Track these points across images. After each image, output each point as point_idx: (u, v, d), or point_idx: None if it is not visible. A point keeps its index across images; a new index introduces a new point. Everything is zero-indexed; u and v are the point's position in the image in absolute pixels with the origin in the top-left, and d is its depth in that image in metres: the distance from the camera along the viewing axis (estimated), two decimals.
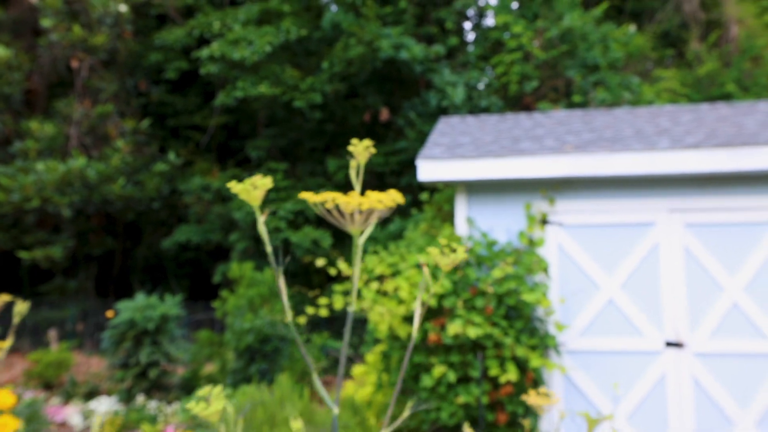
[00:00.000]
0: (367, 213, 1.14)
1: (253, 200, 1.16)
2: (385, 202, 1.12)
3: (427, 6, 13.62)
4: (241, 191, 1.14)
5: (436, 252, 1.26)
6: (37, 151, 13.16)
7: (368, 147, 1.19)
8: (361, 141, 1.21)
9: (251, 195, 1.15)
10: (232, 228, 13.53)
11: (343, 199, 1.12)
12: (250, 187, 1.15)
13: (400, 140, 12.86)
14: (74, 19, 13.89)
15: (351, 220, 1.14)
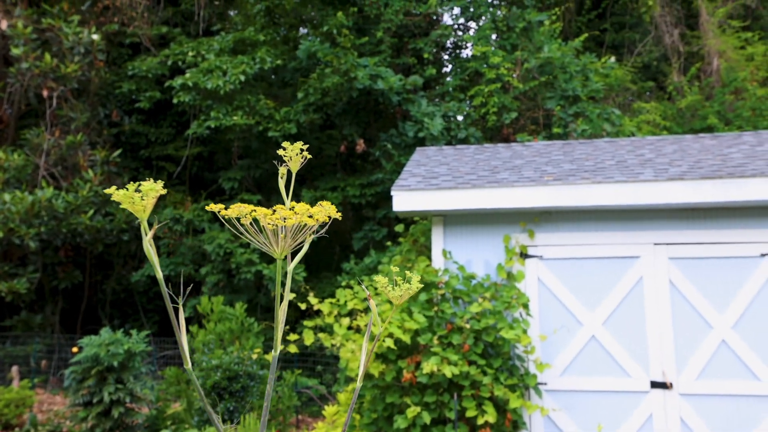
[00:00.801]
0: (295, 231, 0.91)
1: (138, 211, 0.90)
2: (317, 216, 0.89)
3: (404, 36, 13.56)
4: (124, 199, 0.89)
5: (384, 282, 1.05)
6: (4, 182, 12.78)
7: (302, 150, 0.98)
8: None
9: (136, 205, 0.90)
10: (203, 261, 13.17)
11: (264, 212, 0.89)
12: (134, 194, 0.90)
13: (376, 172, 12.66)
14: (45, 48, 13.64)
15: (275, 240, 0.91)
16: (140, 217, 0.90)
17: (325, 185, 13.06)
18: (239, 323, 9.77)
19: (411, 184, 5.50)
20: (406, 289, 1.05)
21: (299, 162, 0.98)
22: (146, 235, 0.91)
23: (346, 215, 13.72)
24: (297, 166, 0.98)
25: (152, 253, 0.91)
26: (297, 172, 4.74)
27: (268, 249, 0.91)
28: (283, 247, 0.91)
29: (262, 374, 8.97)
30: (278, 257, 0.92)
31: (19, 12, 13.38)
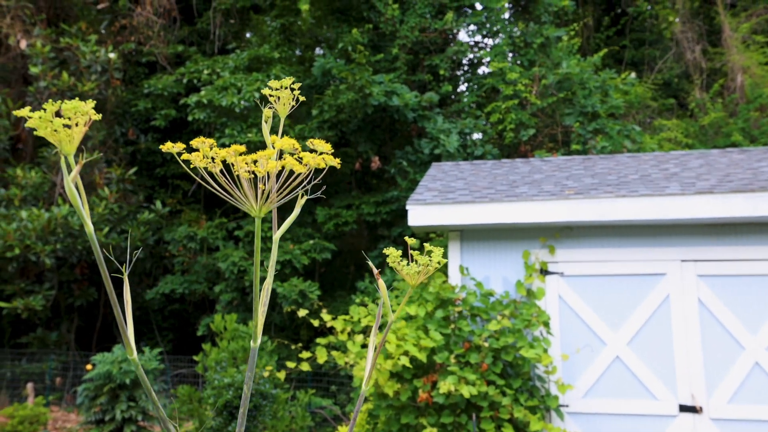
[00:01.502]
0: (281, 184, 0.76)
1: (62, 142, 0.75)
2: (308, 160, 0.75)
3: (419, 53, 13.50)
4: (40, 124, 0.73)
5: (396, 256, 0.93)
6: (21, 199, 12.81)
7: (292, 89, 0.83)
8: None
9: (59, 134, 0.74)
10: (217, 279, 13.07)
11: (236, 151, 0.74)
12: (55, 119, 0.74)
13: (391, 189, 12.54)
14: (63, 67, 13.73)
15: (253, 194, 0.76)
16: (64, 151, 0.74)
17: (340, 203, 12.95)
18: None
19: (427, 198, 5.36)
20: (425, 265, 0.91)
21: (289, 103, 0.83)
22: (68, 174, 0.76)
23: (361, 233, 13.60)
24: (286, 110, 0.83)
25: (77, 197, 0.75)
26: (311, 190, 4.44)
27: (244, 205, 0.76)
28: (264, 203, 0.76)
29: (275, 393, 8.81)
30: (257, 215, 0.76)
31: (38, 31, 13.49)
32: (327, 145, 0.77)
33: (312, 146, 0.77)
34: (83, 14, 14.31)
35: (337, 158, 3.79)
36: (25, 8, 13.52)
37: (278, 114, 0.86)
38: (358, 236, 14.48)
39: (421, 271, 0.93)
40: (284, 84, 0.84)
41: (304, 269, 12.40)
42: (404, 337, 4.90)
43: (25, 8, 13.52)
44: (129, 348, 0.77)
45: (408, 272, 0.93)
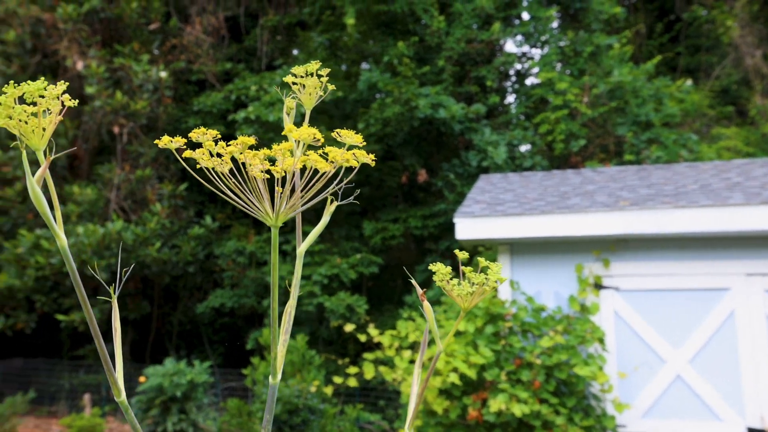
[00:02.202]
0: (304, 185, 0.66)
1: (30, 137, 0.65)
2: (335, 156, 0.64)
3: (466, 64, 13.39)
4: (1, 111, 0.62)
5: (444, 273, 0.82)
6: (78, 215, 13.14)
7: (319, 75, 0.73)
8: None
9: (29, 125, 0.64)
10: (266, 293, 13.15)
11: (244, 143, 0.64)
12: (19, 108, 0.62)
13: (438, 203, 12.43)
14: (117, 86, 14.08)
15: (268, 199, 0.66)
16: (32, 145, 0.64)
17: (387, 217, 12.90)
18: (300, 356, 9.62)
19: (475, 211, 5.25)
20: (480, 284, 0.79)
21: (316, 95, 0.73)
22: (32, 180, 0.66)
23: (408, 247, 13.51)
24: (313, 100, 0.74)
25: (42, 201, 0.65)
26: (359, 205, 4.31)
27: (257, 213, 0.65)
28: (282, 210, 0.65)
29: (323, 408, 8.76)
30: (273, 224, 0.66)
31: (94, 53, 13.88)
32: (357, 137, 0.67)
33: (340, 138, 0.67)
34: (136, 35, 14.68)
35: (382, 170, 3.65)
36: (81, 31, 13.93)
37: (303, 105, 0.76)
38: (405, 250, 14.39)
39: (476, 292, 0.81)
40: (310, 70, 0.74)
41: (351, 283, 12.36)
42: (453, 353, 4.79)
43: (81, 31, 13.93)
44: (115, 389, 0.68)
45: (459, 293, 0.82)
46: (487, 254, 6.42)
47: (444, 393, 4.89)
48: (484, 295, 0.82)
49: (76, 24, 13.67)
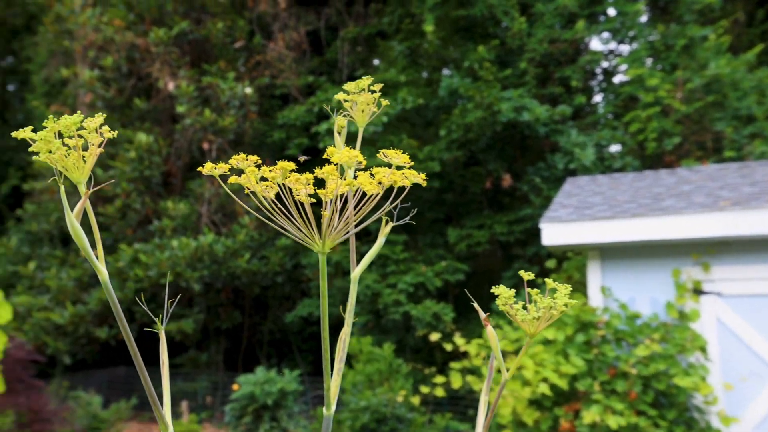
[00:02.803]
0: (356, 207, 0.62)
1: (72, 170, 0.63)
2: (381, 178, 0.60)
3: (549, 65, 13.09)
4: (42, 147, 0.60)
5: (507, 296, 0.75)
6: (173, 229, 13.67)
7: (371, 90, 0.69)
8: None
9: (68, 159, 0.62)
10: None
11: (284, 168, 0.60)
12: (56, 141, 0.60)
13: (524, 207, 12.18)
14: (205, 104, 14.59)
15: (314, 224, 0.62)
16: (73, 178, 0.62)
17: (472, 223, 12.74)
18: (387, 364, 9.61)
19: (562, 216, 5.08)
20: (547, 309, 0.72)
21: (369, 111, 0.69)
22: (71, 216, 0.64)
23: (495, 253, 13.30)
24: (365, 117, 0.69)
25: (82, 236, 0.63)
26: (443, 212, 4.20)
27: (304, 239, 0.62)
28: (329, 235, 0.61)
29: (411, 417, 8.71)
30: (320, 251, 0.62)
31: (183, 73, 14.45)
32: (404, 157, 0.62)
33: (387, 158, 0.62)
34: (222, 54, 15.18)
35: (466, 176, 3.53)
36: (171, 53, 14.53)
37: (355, 123, 0.72)
38: (491, 256, 14.18)
39: (542, 318, 0.74)
40: (361, 85, 0.70)
41: (437, 291, 12.28)
42: (542, 362, 4.63)
43: (171, 53, 14.53)
44: (162, 424, 0.65)
45: (524, 318, 0.74)
46: (576, 260, 6.20)
47: (534, 404, 4.74)
48: (552, 320, 0.75)
49: (166, 47, 14.27)
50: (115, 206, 13.08)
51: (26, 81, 21.80)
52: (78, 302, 13.21)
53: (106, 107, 14.34)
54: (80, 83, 14.24)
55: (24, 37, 22.14)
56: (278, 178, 0.61)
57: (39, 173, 14.35)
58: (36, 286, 13.84)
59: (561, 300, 0.73)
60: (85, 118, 0.62)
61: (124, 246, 12.62)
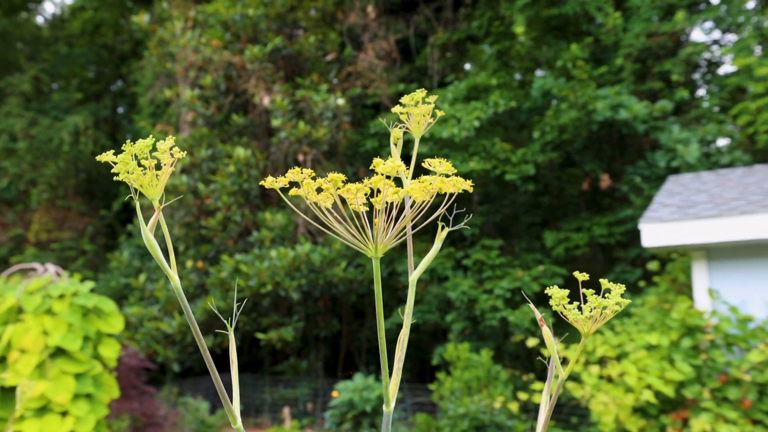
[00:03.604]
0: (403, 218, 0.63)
1: (147, 188, 0.67)
2: (426, 186, 0.61)
3: (647, 60, 12.59)
4: (120, 170, 0.66)
5: (560, 297, 0.72)
6: (271, 240, 14.07)
7: (425, 102, 0.70)
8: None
9: (146, 177, 0.65)
10: (448, 308, 13.19)
11: (336, 181, 0.62)
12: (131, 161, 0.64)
13: (624, 208, 11.75)
14: (299, 117, 14.98)
15: (367, 230, 0.63)
16: (149, 195, 0.66)
17: (569, 226, 12.42)
18: (486, 371, 9.49)
19: (663, 216, 4.86)
20: (600, 308, 0.71)
21: (425, 122, 0.70)
22: (145, 228, 0.68)
23: (595, 257, 12.89)
24: (421, 128, 0.70)
25: (156, 247, 0.66)
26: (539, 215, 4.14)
27: (358, 244, 0.63)
28: (382, 241, 0.63)
29: (511, 425, 8.55)
30: (374, 255, 0.63)
31: (278, 88, 14.89)
32: (447, 165, 0.63)
33: (431, 167, 0.64)
34: (314, 67, 15.54)
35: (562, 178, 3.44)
36: (266, 69, 15.02)
37: (412, 134, 0.73)
38: (591, 260, 13.77)
39: (593, 318, 0.72)
40: (416, 98, 0.72)
41: (535, 296, 12.03)
42: (646, 368, 4.44)
43: (266, 69, 15.02)
44: (231, 417, 0.67)
45: (575, 318, 0.73)
46: (680, 261, 5.91)
47: (638, 411, 4.55)
48: (606, 320, 0.73)
49: (261, 63, 14.76)
50: (216, 219, 13.61)
51: (134, 103, 23.13)
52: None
53: (206, 124, 14.98)
54: (182, 102, 14.94)
55: (131, 61, 23.53)
56: (331, 189, 0.64)
57: None
58: (146, 298, 14.57)
59: (613, 299, 0.72)
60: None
61: (225, 257, 13.10)
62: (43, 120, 20.92)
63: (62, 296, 4.59)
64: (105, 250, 20.60)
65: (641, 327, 4.89)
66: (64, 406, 4.22)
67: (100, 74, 25.35)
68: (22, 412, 4.12)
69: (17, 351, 4.24)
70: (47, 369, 4.26)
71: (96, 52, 24.35)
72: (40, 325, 4.33)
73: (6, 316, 4.44)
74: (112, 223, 22.01)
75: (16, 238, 21.71)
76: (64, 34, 25.06)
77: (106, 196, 22.64)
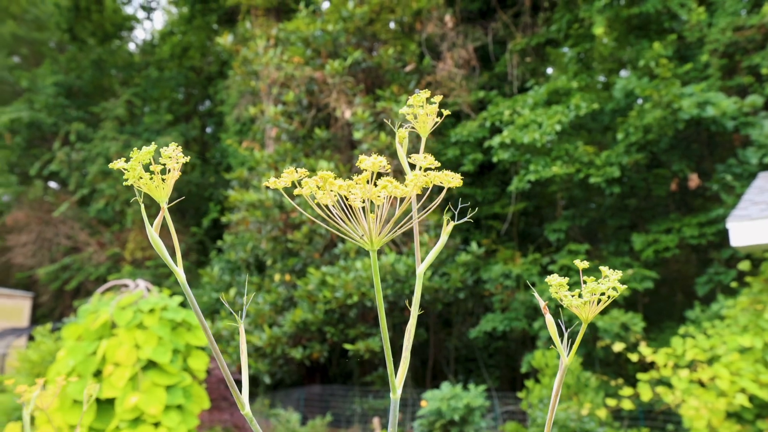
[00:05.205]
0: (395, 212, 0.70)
1: (153, 191, 0.74)
2: (416, 182, 0.69)
3: (735, 55, 12.11)
4: (132, 175, 0.73)
5: (559, 285, 0.79)
6: (356, 251, 14.31)
7: (432, 102, 0.77)
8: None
9: (154, 181, 0.74)
10: (536, 315, 13.04)
11: (325, 177, 0.69)
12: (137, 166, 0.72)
13: (715, 208, 11.32)
14: (380, 128, 15.21)
15: (362, 223, 0.70)
16: (156, 197, 0.75)
17: (658, 228, 12.07)
18: (575, 378, 9.35)
19: (752, 213, 4.72)
20: (596, 294, 0.77)
21: (431, 121, 0.78)
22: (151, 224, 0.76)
23: (687, 258, 12.46)
24: (427, 128, 0.78)
25: (161, 245, 0.75)
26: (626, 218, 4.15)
27: (356, 239, 0.70)
28: (377, 233, 0.69)
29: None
30: (371, 248, 0.70)
31: (359, 100, 15.19)
32: (430, 159, 0.71)
33: (413, 161, 0.70)
34: (394, 78, 15.76)
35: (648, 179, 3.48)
36: (347, 82, 15.36)
37: (419, 133, 0.80)
38: (684, 262, 13.31)
39: (590, 303, 0.77)
40: (420, 101, 0.79)
41: (624, 301, 11.74)
42: (739, 371, 4.32)
43: (347, 82, 15.36)
44: (239, 403, 0.76)
45: (569, 304, 0.79)
46: None
47: (733, 416, 4.42)
48: (604, 305, 0.79)
49: (342, 77, 15.11)
50: (302, 232, 13.95)
51: (221, 122, 24.06)
52: (274, 325, 14.16)
53: (290, 139, 15.45)
54: (266, 119, 15.45)
55: (218, 82, 24.52)
56: (324, 185, 0.70)
57: (234, 206, 15.69)
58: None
59: (609, 283, 0.77)
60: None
61: (312, 269, 13.41)
62: (136, 142, 22.05)
63: (152, 310, 4.81)
64: (197, 266, 21.45)
65: (733, 329, 4.77)
66: (157, 417, 4.41)
67: (189, 96, 26.53)
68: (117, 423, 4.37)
69: (111, 364, 4.48)
70: (140, 381, 4.49)
71: (184, 75, 25.50)
72: (133, 339, 4.54)
73: (101, 331, 4.68)
74: (203, 240, 22.90)
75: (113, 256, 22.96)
76: (155, 59, 26.39)
77: (197, 213, 23.60)
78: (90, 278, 22.64)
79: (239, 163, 17.77)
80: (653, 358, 4.94)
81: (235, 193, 14.76)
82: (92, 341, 4.58)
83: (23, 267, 25.27)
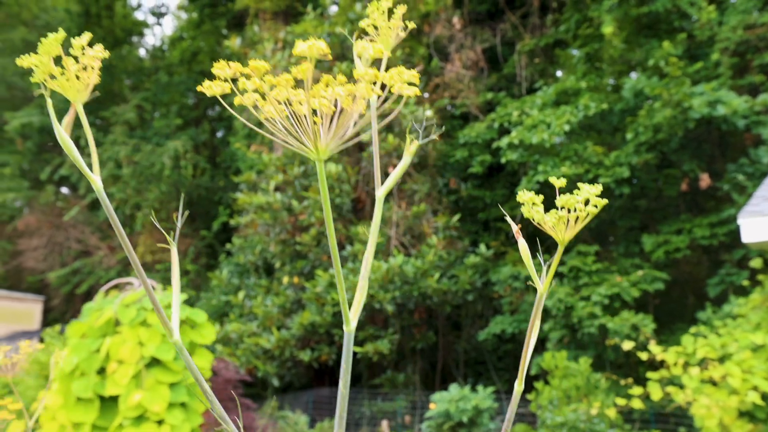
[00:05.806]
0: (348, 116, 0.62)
1: (67, 89, 0.65)
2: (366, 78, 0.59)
3: (746, 53, 12.01)
4: (35, 67, 0.63)
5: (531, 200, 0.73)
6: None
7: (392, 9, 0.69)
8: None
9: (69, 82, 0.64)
10: (545, 317, 12.95)
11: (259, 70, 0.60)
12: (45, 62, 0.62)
13: (726, 208, 11.21)
14: (389, 131, 15.18)
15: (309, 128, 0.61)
16: (70, 97, 0.64)
17: (668, 228, 11.96)
18: (585, 379, 9.26)
19: (764, 210, 4.65)
20: (572, 204, 0.71)
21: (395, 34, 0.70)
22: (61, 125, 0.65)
23: (698, 259, 12.35)
24: (389, 41, 0.71)
25: (71, 146, 0.66)
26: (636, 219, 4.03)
27: (300, 148, 0.62)
28: (323, 140, 0.60)
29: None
30: (317, 158, 0.62)
31: None
32: (378, 49, 0.62)
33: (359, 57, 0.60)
34: None
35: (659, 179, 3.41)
36: None
37: (382, 49, 0.71)
38: (695, 263, 13.19)
39: (566, 219, 0.71)
40: (381, 7, 0.71)
41: (635, 302, 11.63)
42: (751, 369, 4.25)
43: None
44: (167, 330, 0.69)
45: (542, 220, 0.72)
46: None
47: (745, 415, 4.34)
48: (582, 224, 0.73)
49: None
50: (310, 235, 13.93)
51: (231, 126, 24.10)
52: (282, 327, 14.15)
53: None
54: None
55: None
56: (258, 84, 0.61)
57: (243, 209, 15.69)
58: (245, 314, 15.05)
59: (583, 195, 0.71)
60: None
61: (320, 272, 13.39)
62: (145, 146, 22.12)
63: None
64: (206, 269, 21.48)
65: (745, 327, 4.69)
66: (160, 415, 4.39)
67: (199, 100, 26.63)
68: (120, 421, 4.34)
69: (115, 362, 4.47)
70: (143, 379, 4.47)
71: (194, 79, 25.60)
72: (136, 337, 4.53)
73: (104, 328, 4.66)
74: (212, 243, 22.94)
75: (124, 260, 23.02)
76: (164, 64, 26.51)
77: (206, 217, 23.64)
78: (100, 282, 22.72)
79: (248, 166, 17.79)
80: (663, 356, 4.87)
81: (243, 195, 14.77)
82: (96, 339, 4.57)
83: (34, 271, 25.41)
